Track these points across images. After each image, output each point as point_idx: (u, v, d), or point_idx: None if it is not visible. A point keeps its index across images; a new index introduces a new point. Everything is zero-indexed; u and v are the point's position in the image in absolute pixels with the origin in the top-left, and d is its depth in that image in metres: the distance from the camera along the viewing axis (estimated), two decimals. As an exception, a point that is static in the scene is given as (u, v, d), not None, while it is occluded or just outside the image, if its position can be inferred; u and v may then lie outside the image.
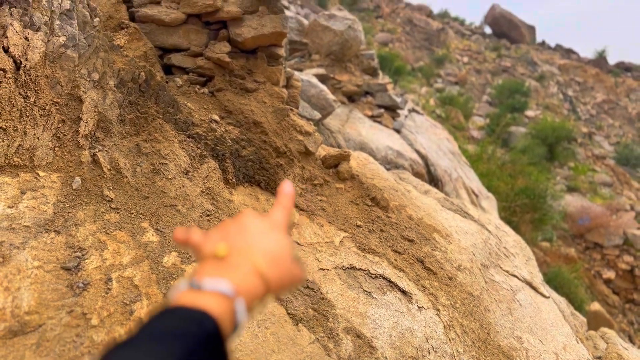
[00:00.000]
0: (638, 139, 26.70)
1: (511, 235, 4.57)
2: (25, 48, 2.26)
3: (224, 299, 0.57)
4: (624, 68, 36.87)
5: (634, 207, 16.10)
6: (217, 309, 0.55)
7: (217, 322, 0.54)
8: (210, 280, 0.58)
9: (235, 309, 0.57)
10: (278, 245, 0.69)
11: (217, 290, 0.57)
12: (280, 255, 0.68)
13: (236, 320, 0.57)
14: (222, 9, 3.06)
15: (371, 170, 4.40)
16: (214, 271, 0.61)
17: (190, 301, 0.55)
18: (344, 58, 7.75)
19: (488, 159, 11.76)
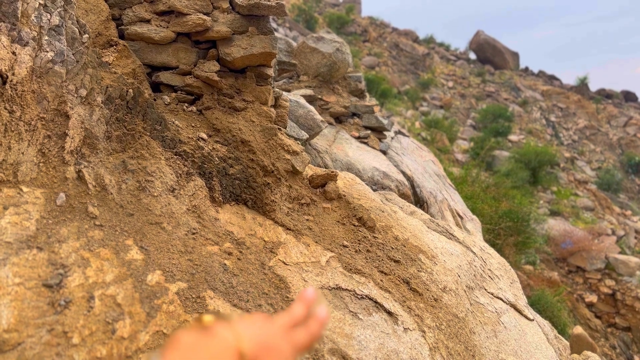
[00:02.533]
0: (619, 165, 27.21)
1: (495, 258, 4.59)
2: (13, 63, 2.25)
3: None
4: (604, 95, 37.73)
5: (615, 232, 16.33)
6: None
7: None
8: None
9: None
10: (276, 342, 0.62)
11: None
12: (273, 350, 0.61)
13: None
14: (212, 29, 3.08)
15: (358, 191, 4.41)
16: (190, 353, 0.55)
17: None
18: (332, 80, 7.83)
19: (472, 182, 11.88)
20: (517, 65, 40.32)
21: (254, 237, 2.86)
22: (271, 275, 2.58)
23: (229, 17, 3.13)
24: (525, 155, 19.59)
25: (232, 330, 0.59)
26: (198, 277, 2.22)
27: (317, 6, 31.78)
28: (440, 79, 33.19)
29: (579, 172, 24.44)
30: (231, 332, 0.59)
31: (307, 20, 26.41)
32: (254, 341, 0.59)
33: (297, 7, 27.34)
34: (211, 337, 0.57)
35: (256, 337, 0.60)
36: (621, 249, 14.84)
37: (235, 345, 0.58)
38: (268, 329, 0.63)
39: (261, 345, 0.60)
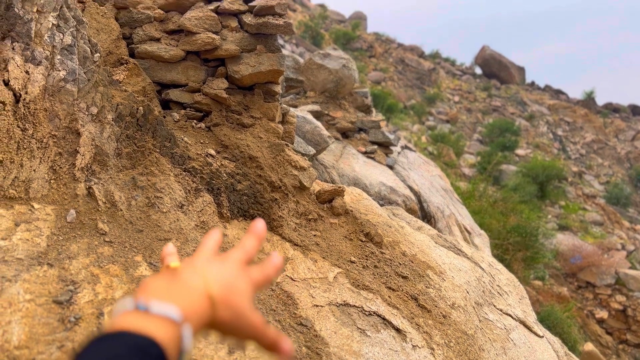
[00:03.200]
0: (628, 179, 27.04)
1: (504, 273, 4.56)
2: (26, 81, 2.29)
3: (171, 324, 0.54)
4: (612, 109, 37.64)
5: (625, 247, 16.17)
6: (163, 335, 0.52)
7: (164, 350, 0.51)
8: (158, 304, 0.55)
9: (182, 334, 0.55)
10: (238, 281, 0.65)
11: (165, 315, 0.54)
12: (236, 289, 0.64)
13: (182, 346, 0.55)
14: (221, 47, 3.13)
15: (365, 206, 4.41)
16: (162, 292, 0.58)
17: (135, 325, 0.52)
18: (338, 95, 7.88)
19: (480, 197, 11.84)
20: (523, 80, 40.36)
21: (262, 252, 2.86)
22: (279, 292, 2.58)
23: (237, 35, 3.18)
24: (533, 169, 19.52)
25: (200, 276, 0.61)
26: (206, 293, 2.23)
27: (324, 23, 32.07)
28: (446, 93, 33.27)
29: (587, 187, 24.29)
30: (199, 277, 0.61)
31: (314, 37, 26.65)
32: (220, 284, 0.62)
33: (304, 24, 27.60)
34: (180, 281, 0.59)
35: (221, 280, 0.63)
36: (631, 264, 14.68)
37: (205, 290, 0.60)
38: (229, 270, 0.66)
39: (226, 287, 0.63)
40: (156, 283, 0.59)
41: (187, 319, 0.56)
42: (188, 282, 0.60)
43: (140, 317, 0.53)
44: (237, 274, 0.67)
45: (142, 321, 0.53)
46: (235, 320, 0.63)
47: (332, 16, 37.53)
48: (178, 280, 0.59)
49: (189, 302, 0.58)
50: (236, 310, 0.63)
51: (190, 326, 0.56)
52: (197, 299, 0.59)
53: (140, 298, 0.56)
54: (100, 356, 0.47)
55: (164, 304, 0.55)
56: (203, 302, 0.59)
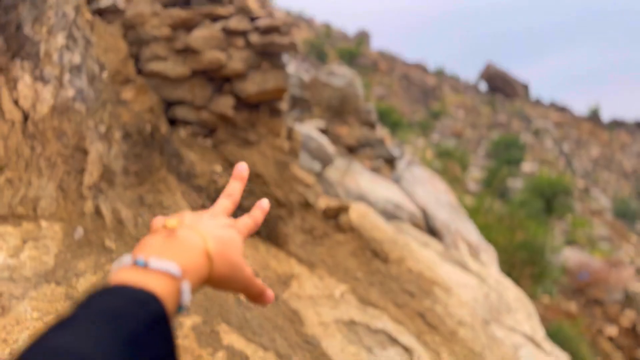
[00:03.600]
0: (634, 194, 26.88)
1: (512, 290, 4.53)
2: (35, 100, 2.32)
3: (171, 279, 0.54)
4: (617, 124, 37.58)
5: (633, 262, 16.01)
6: (163, 290, 0.52)
7: (163, 304, 0.51)
8: (157, 260, 0.55)
9: (181, 290, 0.55)
10: (231, 238, 0.67)
11: (164, 270, 0.54)
12: (230, 244, 0.66)
13: (181, 301, 0.55)
14: (227, 66, 3.16)
15: (371, 222, 4.40)
16: (161, 249, 0.58)
17: (134, 280, 0.52)
18: (343, 112, 7.92)
19: (486, 212, 11.77)
20: (527, 96, 40.43)
21: (268, 269, 2.86)
22: (285, 309, 2.57)
23: (243, 54, 3.22)
24: (539, 184, 19.42)
25: (197, 233, 0.62)
26: (212, 311, 2.22)
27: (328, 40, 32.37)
28: (451, 109, 33.35)
29: (594, 202, 24.16)
30: (196, 235, 0.62)
31: (319, 54, 26.89)
32: (216, 240, 0.63)
33: (309, 42, 27.88)
34: (178, 239, 0.60)
35: (217, 236, 0.64)
36: (640, 279, 14.52)
37: (203, 247, 0.61)
38: (222, 225, 0.68)
39: (222, 242, 0.64)
40: (154, 241, 0.59)
41: (186, 275, 0.57)
42: (186, 240, 0.60)
43: (139, 273, 0.53)
44: (229, 227, 0.69)
45: (141, 276, 0.53)
46: (231, 274, 0.65)
47: (336, 34, 37.88)
48: (176, 238, 0.60)
49: (188, 258, 0.58)
50: (232, 265, 0.65)
51: (189, 282, 0.57)
52: (195, 255, 0.60)
53: (139, 254, 0.56)
54: (99, 309, 0.47)
55: (163, 260, 0.56)
56: (201, 259, 0.60)
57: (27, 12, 2.36)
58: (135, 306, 0.48)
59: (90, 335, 0.43)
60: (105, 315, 0.46)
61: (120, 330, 0.45)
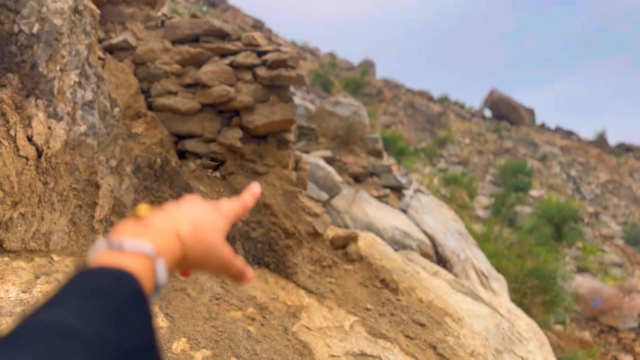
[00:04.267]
0: (645, 219, 26.58)
1: (523, 319, 4.46)
2: (48, 137, 2.37)
3: (145, 258, 0.55)
4: (624, 148, 37.44)
5: (647, 288, 15.72)
6: (138, 269, 0.53)
7: (139, 281, 0.52)
8: (131, 240, 0.56)
9: (156, 268, 0.56)
10: (209, 221, 0.67)
11: (138, 250, 0.55)
12: (205, 226, 0.66)
13: (157, 280, 0.56)
14: (236, 99, 3.22)
15: (379, 251, 4.39)
16: (134, 232, 0.59)
17: (111, 262, 0.53)
18: (350, 141, 7.97)
19: (495, 239, 11.68)
20: (533, 122, 40.50)
21: (277, 301, 2.85)
22: (295, 341, 2.55)
23: (251, 87, 3.28)
24: (548, 210, 19.26)
25: (168, 217, 0.63)
26: (222, 344, 2.21)
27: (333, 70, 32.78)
28: (457, 136, 33.43)
29: (604, 227, 23.90)
30: (167, 219, 0.62)
31: (324, 84, 27.18)
32: (188, 222, 0.63)
33: (314, 72, 28.23)
34: (150, 223, 0.61)
35: (189, 219, 0.64)
36: (655, 306, 14.23)
37: (174, 229, 0.61)
38: (199, 209, 0.67)
39: (195, 224, 0.64)
40: (127, 226, 0.60)
41: (160, 254, 0.58)
42: (157, 224, 0.61)
43: (114, 255, 0.54)
44: (207, 211, 0.69)
45: (117, 258, 0.54)
46: (206, 255, 0.65)
47: (341, 64, 38.38)
48: (148, 223, 0.61)
49: (160, 239, 0.59)
50: (207, 247, 0.65)
51: (164, 260, 0.58)
52: (167, 237, 0.61)
53: (113, 238, 0.57)
54: (81, 288, 0.47)
55: (137, 240, 0.57)
56: (173, 240, 0.61)
57: (41, 51, 2.44)
58: (114, 284, 0.50)
59: (77, 311, 0.45)
60: (87, 293, 0.47)
61: (102, 307, 0.46)
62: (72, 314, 0.44)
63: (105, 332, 0.45)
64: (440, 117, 35.52)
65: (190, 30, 3.28)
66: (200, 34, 3.30)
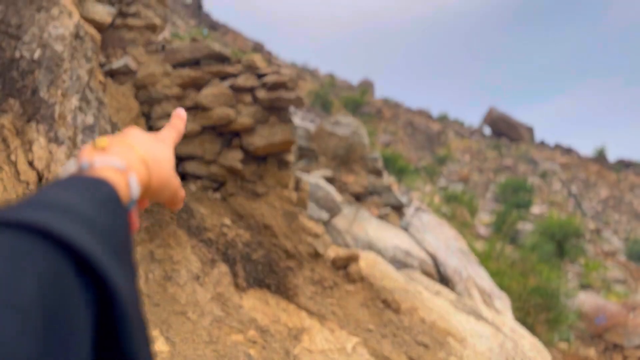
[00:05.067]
0: (647, 234, 26.48)
1: (527, 338, 4.42)
2: (49, 161, 2.38)
3: (117, 172, 0.55)
4: (624, 164, 37.49)
5: (651, 305, 15.59)
6: (113, 178, 0.53)
7: (115, 188, 0.52)
8: (100, 157, 0.56)
9: (129, 182, 0.56)
10: (160, 149, 0.68)
11: (110, 165, 0.55)
12: (161, 157, 0.67)
13: (131, 193, 0.56)
14: (236, 121, 3.24)
15: (381, 271, 4.37)
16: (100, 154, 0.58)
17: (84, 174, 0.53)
18: (350, 160, 7.99)
19: (497, 257, 11.61)
20: (532, 139, 40.65)
21: (278, 323, 2.83)
22: (297, 364, 2.52)
23: (251, 109, 3.30)
24: (549, 227, 19.20)
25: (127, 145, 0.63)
26: (223, 368, 2.19)
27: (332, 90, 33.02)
28: (457, 154, 33.52)
29: (606, 243, 23.80)
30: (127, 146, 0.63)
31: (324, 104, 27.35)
32: (147, 152, 0.64)
33: (314, 92, 28.43)
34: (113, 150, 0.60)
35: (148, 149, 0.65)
36: (660, 323, 14.09)
37: (139, 155, 0.62)
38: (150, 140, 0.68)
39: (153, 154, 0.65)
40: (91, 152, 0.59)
41: (131, 169, 0.58)
42: (121, 150, 0.61)
43: (87, 171, 0.54)
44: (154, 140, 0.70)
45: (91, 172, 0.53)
46: (165, 182, 0.66)
47: (340, 84, 38.68)
48: (111, 150, 0.60)
49: (128, 159, 0.60)
50: (164, 174, 0.66)
51: (135, 175, 0.58)
52: (133, 159, 0.61)
53: (81, 158, 0.56)
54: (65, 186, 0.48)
55: (106, 157, 0.57)
56: (139, 162, 0.61)
57: (42, 77, 2.46)
58: (90, 186, 0.50)
59: (70, 194, 0.45)
60: (71, 188, 0.47)
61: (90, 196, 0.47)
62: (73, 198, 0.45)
63: (102, 217, 0.46)
64: (440, 135, 35.67)
65: (191, 54, 3.32)
66: (200, 58, 3.34)
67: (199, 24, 27.52)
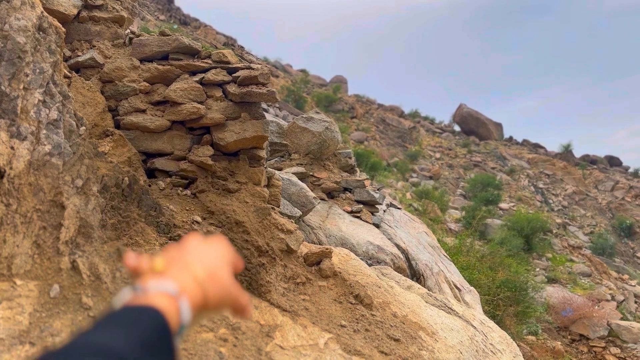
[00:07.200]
0: (611, 229, 27.32)
1: (496, 331, 4.50)
2: (11, 157, 2.30)
3: (169, 297, 0.57)
4: (589, 161, 38.53)
5: (614, 297, 16.11)
6: (163, 305, 0.55)
7: (165, 317, 0.54)
8: (154, 282, 0.58)
9: (180, 307, 0.57)
10: (217, 262, 0.69)
11: (162, 290, 0.57)
12: (218, 271, 0.68)
13: (181, 319, 0.57)
14: (206, 116, 3.20)
15: (353, 267, 4.38)
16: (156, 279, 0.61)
17: (136, 301, 0.56)
18: (322, 157, 7.99)
19: (467, 252, 11.81)
20: (501, 136, 41.39)
21: (250, 320, 2.80)
22: (269, 361, 2.51)
23: (222, 104, 3.26)
24: (517, 222, 19.65)
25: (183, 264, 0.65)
26: None
27: (305, 87, 32.98)
28: (428, 150, 33.92)
29: (572, 238, 24.46)
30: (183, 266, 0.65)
31: (297, 100, 27.31)
32: (202, 265, 0.67)
33: (287, 88, 28.34)
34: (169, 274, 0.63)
35: (203, 261, 0.67)
36: (622, 314, 14.57)
37: (190, 273, 0.64)
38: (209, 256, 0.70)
39: (208, 266, 0.67)
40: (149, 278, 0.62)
41: (183, 293, 0.59)
42: (177, 275, 0.63)
43: (140, 297, 0.57)
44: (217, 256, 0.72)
45: (142, 298, 0.56)
46: (222, 295, 0.67)
47: (313, 80, 38.64)
48: (167, 275, 0.62)
49: (183, 283, 0.61)
50: (221, 291, 0.67)
51: (187, 299, 0.59)
52: (189, 284, 0.62)
53: (137, 284, 0.59)
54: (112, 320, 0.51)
55: (160, 281, 0.59)
56: (195, 288, 0.63)
57: (4, 70, 2.37)
58: (141, 316, 0.53)
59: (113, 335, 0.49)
60: (119, 323, 0.51)
61: (135, 331, 0.50)
62: (110, 337, 0.48)
63: (136, 353, 0.48)
64: (412, 132, 36.00)
65: (159, 48, 3.26)
66: (169, 52, 3.28)
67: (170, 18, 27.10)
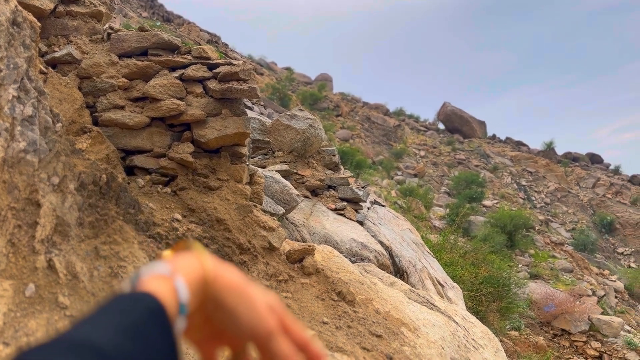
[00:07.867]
0: (592, 225, 27.74)
1: (478, 326, 4.54)
2: (-16, 153, 2.25)
3: (162, 278, 0.56)
4: (571, 158, 39.05)
5: (595, 292, 16.36)
6: (157, 289, 0.54)
7: (159, 300, 0.53)
8: (146, 267, 0.58)
9: (176, 287, 0.56)
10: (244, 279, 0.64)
11: (154, 273, 0.56)
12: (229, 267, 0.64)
13: (179, 298, 0.56)
14: (186, 112, 3.16)
15: (336, 264, 4.38)
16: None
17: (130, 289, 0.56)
18: (306, 154, 7.98)
19: (451, 249, 11.90)
20: (485, 133, 41.76)
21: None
22: None
23: (202, 100, 3.23)
24: (500, 219, 19.86)
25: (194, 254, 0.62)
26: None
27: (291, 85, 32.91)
28: (412, 148, 34.10)
29: (554, 234, 24.79)
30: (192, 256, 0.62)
31: (281, 98, 27.22)
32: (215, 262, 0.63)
33: (271, 86, 28.23)
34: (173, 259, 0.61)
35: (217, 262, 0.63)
36: (603, 309, 14.82)
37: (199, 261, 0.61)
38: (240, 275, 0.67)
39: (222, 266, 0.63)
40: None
41: (177, 272, 0.57)
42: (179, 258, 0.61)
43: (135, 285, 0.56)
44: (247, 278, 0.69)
45: (138, 286, 0.55)
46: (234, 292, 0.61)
47: (298, 78, 38.58)
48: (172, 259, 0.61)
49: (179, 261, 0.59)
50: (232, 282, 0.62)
51: (183, 278, 0.57)
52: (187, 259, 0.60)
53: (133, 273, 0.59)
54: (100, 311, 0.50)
55: (151, 265, 0.58)
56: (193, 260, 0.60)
57: (-23, 65, 2.32)
58: (132, 303, 0.52)
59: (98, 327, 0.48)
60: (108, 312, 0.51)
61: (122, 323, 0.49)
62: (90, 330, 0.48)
63: (123, 345, 0.47)
64: (397, 130, 36.14)
65: (138, 44, 3.21)
66: (148, 47, 3.24)
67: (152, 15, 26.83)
